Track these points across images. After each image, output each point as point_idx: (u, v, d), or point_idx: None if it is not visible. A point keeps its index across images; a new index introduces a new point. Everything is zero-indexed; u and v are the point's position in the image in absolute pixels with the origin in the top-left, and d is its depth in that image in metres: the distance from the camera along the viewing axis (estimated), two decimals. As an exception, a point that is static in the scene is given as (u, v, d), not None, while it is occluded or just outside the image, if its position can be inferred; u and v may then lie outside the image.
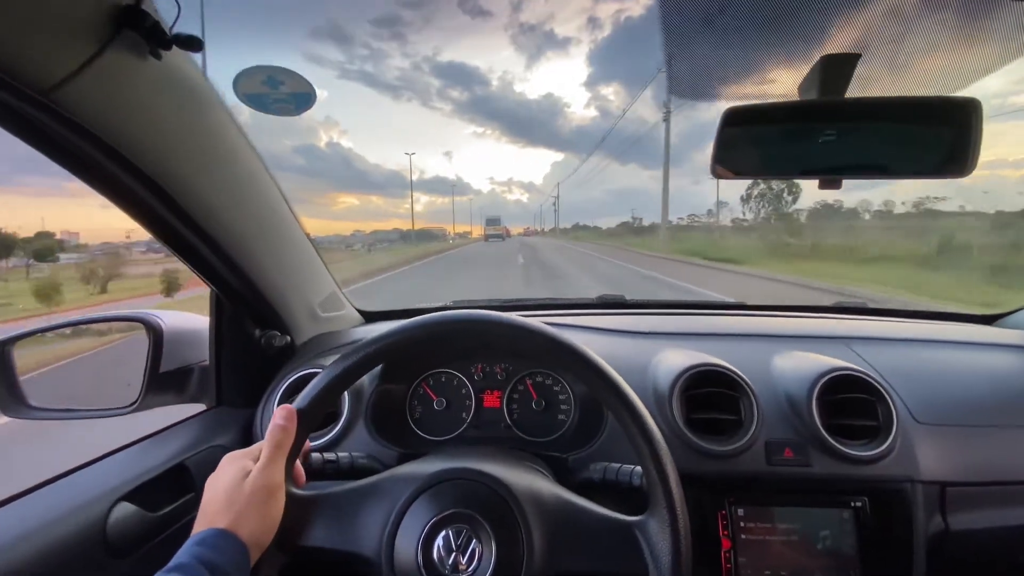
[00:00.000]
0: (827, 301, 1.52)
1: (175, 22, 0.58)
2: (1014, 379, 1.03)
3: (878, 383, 0.89)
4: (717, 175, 0.74)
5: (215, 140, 0.76)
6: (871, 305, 1.45)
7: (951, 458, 0.88)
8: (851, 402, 0.89)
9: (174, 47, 0.58)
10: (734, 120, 0.71)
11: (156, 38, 0.57)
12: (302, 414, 0.62)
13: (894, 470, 0.85)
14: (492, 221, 58.66)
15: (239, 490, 0.56)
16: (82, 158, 0.62)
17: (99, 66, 0.54)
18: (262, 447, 0.61)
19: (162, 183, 0.69)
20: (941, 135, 0.69)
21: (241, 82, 0.71)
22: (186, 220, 0.76)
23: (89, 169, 0.64)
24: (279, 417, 0.61)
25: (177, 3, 0.57)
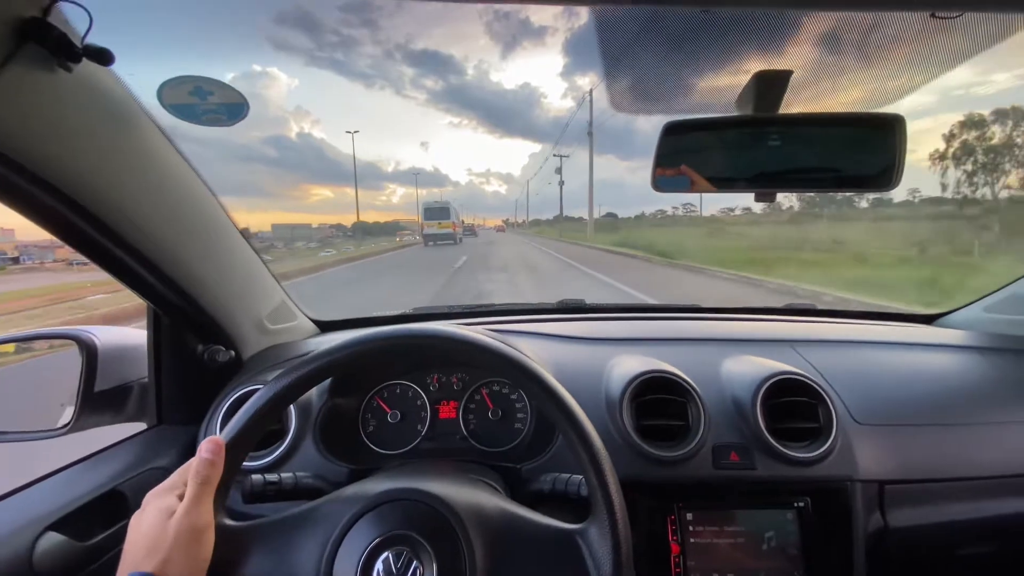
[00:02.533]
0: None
1: (87, 33, 0.55)
2: (948, 378, 1.08)
3: (819, 386, 0.91)
4: (657, 188, 0.75)
5: (139, 152, 0.73)
6: (819, 307, 1.50)
7: (889, 457, 0.92)
8: (794, 405, 0.92)
9: (84, 60, 0.55)
10: (672, 134, 0.72)
11: (64, 51, 0.53)
12: (231, 445, 0.60)
13: (834, 470, 0.87)
14: (434, 212, 31.81)
15: (163, 531, 0.53)
16: None
17: (2, 81, 0.51)
18: (187, 480, 0.58)
19: (79, 198, 0.65)
20: (869, 150, 0.72)
21: (165, 93, 0.68)
22: (109, 234, 0.72)
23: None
24: (204, 451, 0.58)
25: (89, 15, 0.54)
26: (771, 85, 0.69)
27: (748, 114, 0.70)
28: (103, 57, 0.55)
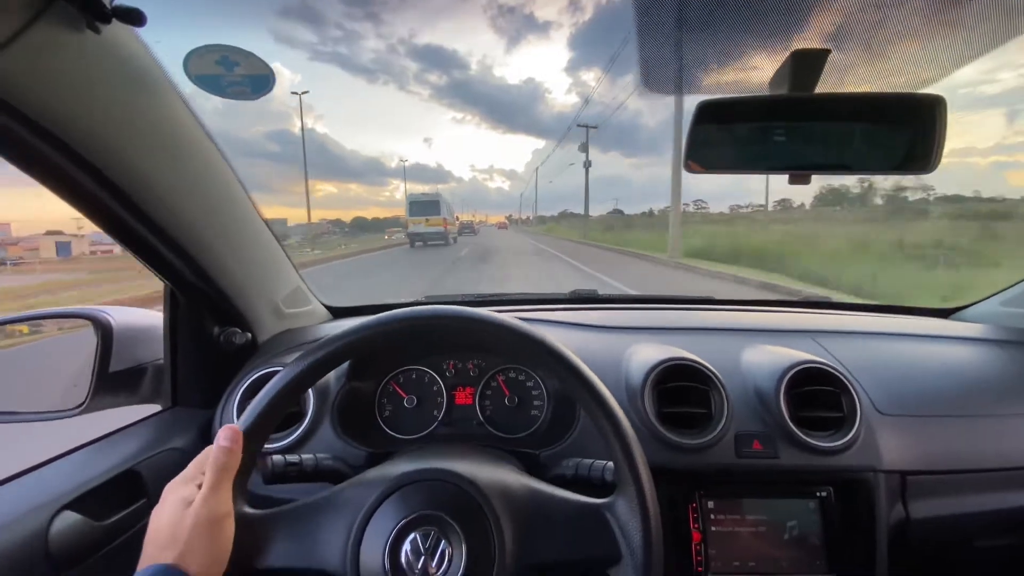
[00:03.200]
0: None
1: None
2: (968, 370, 1.08)
3: (842, 375, 0.90)
4: (690, 169, 0.74)
5: (163, 123, 0.71)
6: (835, 299, 1.49)
7: (911, 448, 0.91)
8: (817, 394, 0.91)
9: (114, 20, 0.53)
10: (706, 114, 0.70)
11: (94, 10, 0.52)
12: (248, 433, 0.59)
13: (857, 460, 0.87)
14: (420, 206, 25.94)
15: (182, 521, 0.52)
16: (12, 140, 0.57)
17: (29, 39, 0.50)
18: (205, 470, 0.57)
19: (103, 168, 0.64)
20: (907, 131, 0.71)
21: (192, 62, 0.66)
22: (132, 208, 0.71)
23: (20, 151, 0.59)
24: (223, 439, 0.57)
25: None
26: (808, 64, 0.67)
27: (784, 94, 0.69)
28: (134, 17, 0.54)
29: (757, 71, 0.74)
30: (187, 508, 0.53)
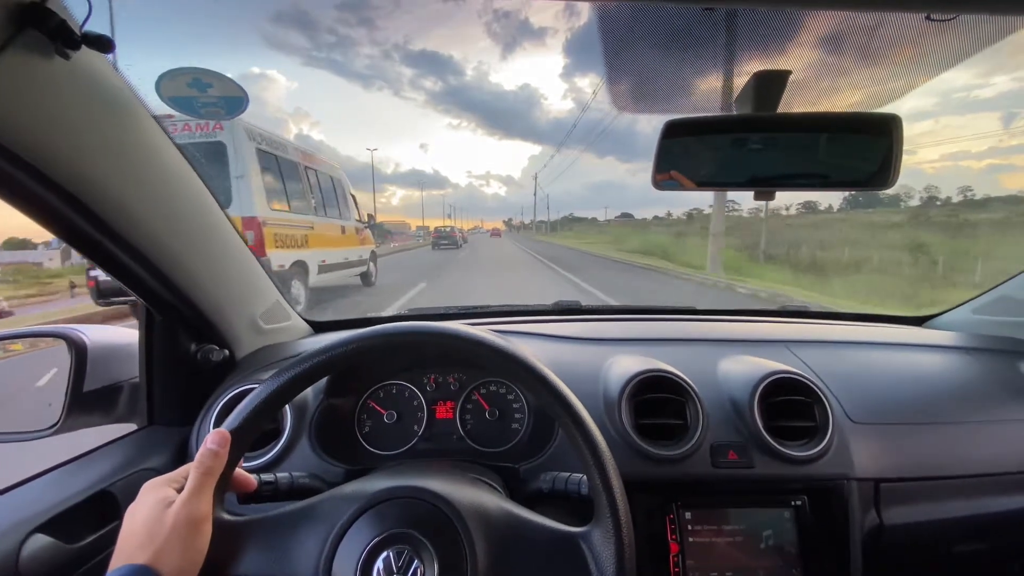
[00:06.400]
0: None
1: (86, 21, 0.54)
2: (940, 378, 1.10)
3: (815, 385, 0.92)
4: (658, 186, 0.76)
5: (135, 144, 0.72)
6: (811, 309, 1.52)
7: (883, 456, 0.92)
8: (791, 404, 0.92)
9: (83, 47, 0.54)
10: (673, 132, 0.72)
11: (63, 37, 0.53)
12: (234, 436, 0.59)
13: (830, 469, 0.88)
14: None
15: (160, 522, 0.52)
16: None
17: None
18: (187, 472, 0.57)
19: (74, 190, 0.64)
20: (866, 149, 0.74)
21: (164, 84, 0.67)
22: (103, 228, 0.71)
23: None
24: (211, 442, 0.57)
25: (88, 2, 0.53)
26: (770, 85, 0.70)
27: (748, 113, 0.71)
28: (103, 44, 0.54)
29: (722, 91, 0.77)
30: (166, 508, 0.53)
